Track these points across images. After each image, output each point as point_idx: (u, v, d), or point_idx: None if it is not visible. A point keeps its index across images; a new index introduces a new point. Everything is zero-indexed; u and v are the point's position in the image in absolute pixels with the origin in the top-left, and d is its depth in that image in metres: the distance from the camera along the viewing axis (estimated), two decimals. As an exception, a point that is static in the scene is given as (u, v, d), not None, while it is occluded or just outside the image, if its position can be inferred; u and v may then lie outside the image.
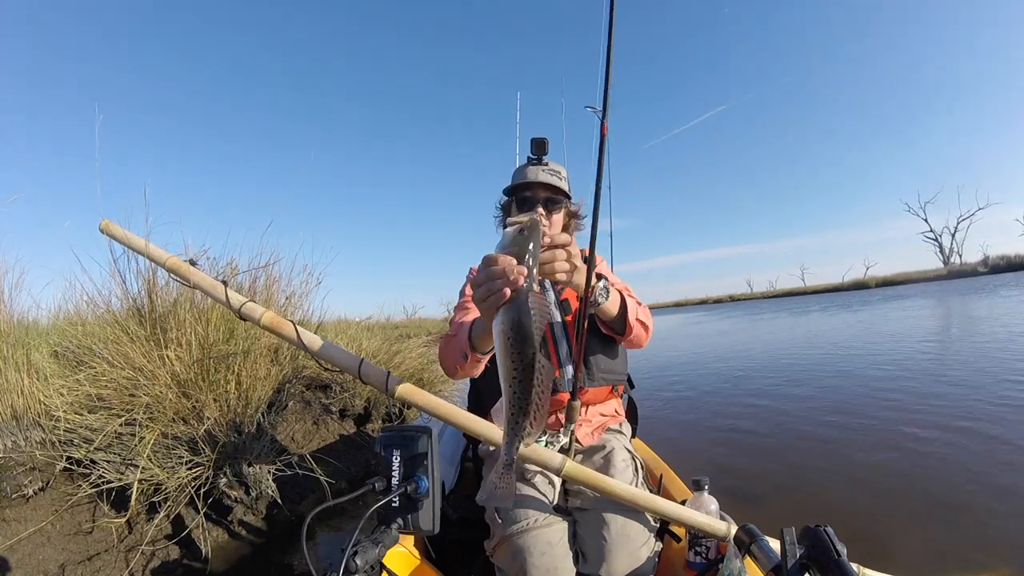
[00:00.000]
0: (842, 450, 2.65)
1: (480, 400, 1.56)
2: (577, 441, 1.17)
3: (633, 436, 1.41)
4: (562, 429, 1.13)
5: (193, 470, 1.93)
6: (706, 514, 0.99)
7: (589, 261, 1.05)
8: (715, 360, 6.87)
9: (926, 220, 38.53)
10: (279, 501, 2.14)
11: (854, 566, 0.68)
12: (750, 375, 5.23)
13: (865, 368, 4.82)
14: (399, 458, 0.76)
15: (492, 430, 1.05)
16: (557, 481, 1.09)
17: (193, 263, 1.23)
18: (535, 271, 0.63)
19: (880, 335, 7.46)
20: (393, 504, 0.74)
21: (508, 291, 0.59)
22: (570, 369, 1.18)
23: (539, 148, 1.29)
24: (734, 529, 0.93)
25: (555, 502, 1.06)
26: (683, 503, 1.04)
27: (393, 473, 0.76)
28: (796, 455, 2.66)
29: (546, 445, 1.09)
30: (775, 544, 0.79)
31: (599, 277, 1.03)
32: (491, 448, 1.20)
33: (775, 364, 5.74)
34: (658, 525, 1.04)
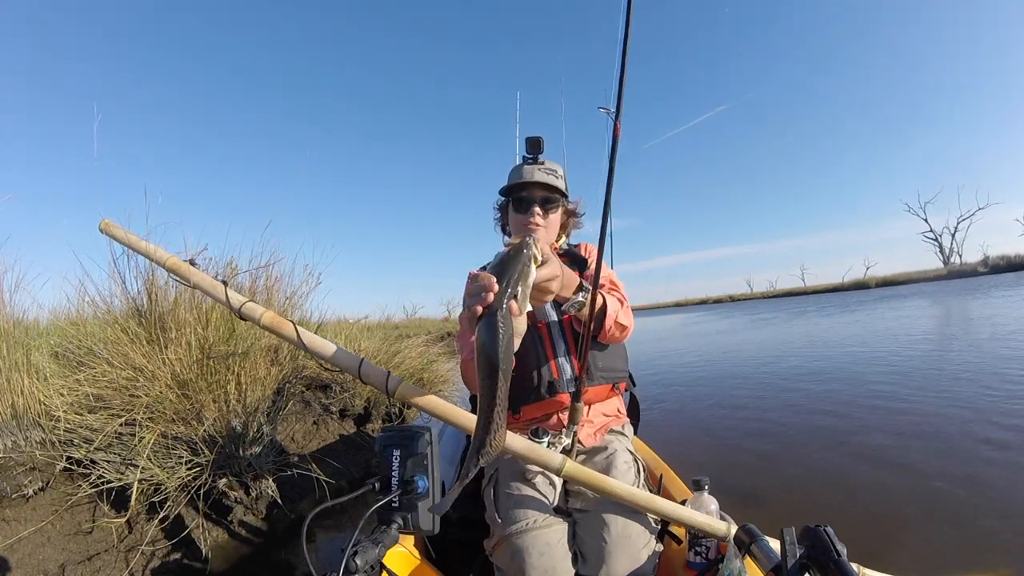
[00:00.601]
0: (842, 450, 2.65)
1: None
2: (579, 442, 1.16)
3: (634, 433, 1.41)
4: (564, 430, 1.12)
5: (193, 470, 1.93)
6: (706, 514, 0.99)
7: (597, 262, 1.05)
8: (714, 359, 6.88)
9: (926, 220, 38.54)
10: (279, 501, 2.14)
11: (854, 566, 0.68)
12: (748, 374, 5.23)
13: (864, 367, 4.82)
14: (399, 458, 0.76)
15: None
16: (558, 482, 1.09)
17: (193, 263, 1.23)
18: (518, 291, 0.65)
19: (878, 335, 7.46)
20: (393, 504, 0.74)
21: (479, 308, 0.62)
22: (568, 369, 1.18)
23: (534, 147, 1.28)
24: (734, 529, 0.93)
25: (555, 503, 1.06)
26: (683, 503, 1.04)
27: (393, 473, 0.75)
28: (796, 455, 2.66)
29: (548, 446, 1.09)
30: (775, 544, 0.79)
31: (580, 288, 1.01)
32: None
33: (773, 363, 5.74)
34: (659, 527, 1.04)
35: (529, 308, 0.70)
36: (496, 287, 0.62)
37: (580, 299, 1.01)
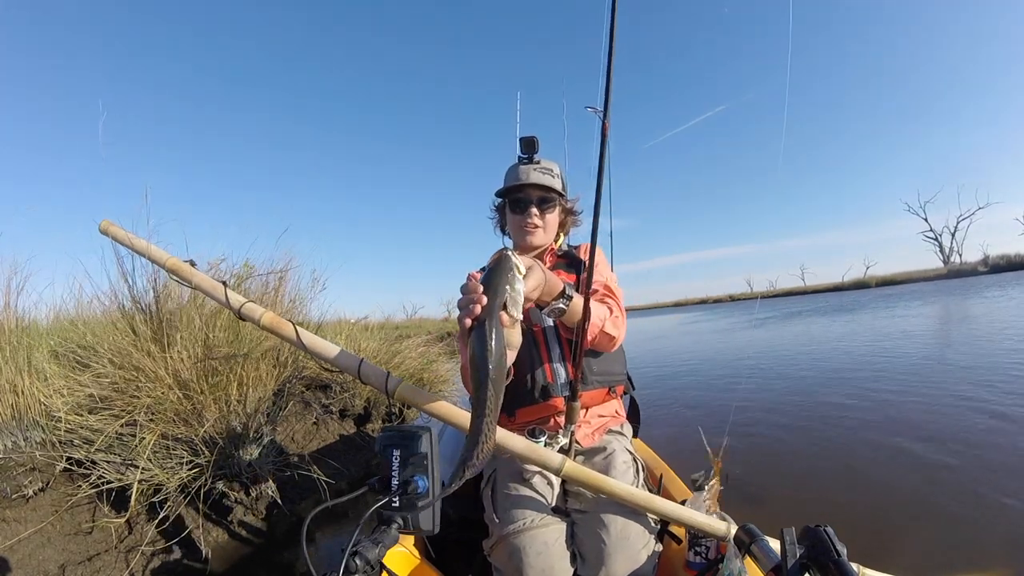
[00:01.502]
0: (843, 450, 2.65)
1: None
2: (577, 443, 1.16)
3: (635, 436, 1.40)
4: (561, 431, 1.12)
5: (193, 470, 1.93)
6: (706, 514, 0.99)
7: (590, 261, 1.05)
8: (712, 358, 6.87)
9: (926, 219, 38.42)
10: (279, 501, 2.14)
11: (854, 566, 0.68)
12: (747, 373, 5.23)
13: (863, 367, 4.82)
14: (399, 458, 0.76)
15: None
16: (556, 482, 1.09)
17: (193, 264, 1.23)
18: (506, 299, 0.65)
19: (876, 335, 7.46)
20: (393, 504, 0.74)
21: (468, 321, 0.63)
22: (563, 373, 1.17)
23: (529, 147, 1.28)
24: (734, 529, 0.93)
25: (554, 503, 1.06)
26: (683, 503, 1.04)
27: (393, 473, 0.75)
28: (796, 454, 2.66)
29: (544, 446, 1.09)
30: (775, 544, 0.79)
31: (562, 295, 0.99)
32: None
33: (772, 362, 5.73)
34: (659, 527, 1.04)
35: (520, 317, 0.70)
36: (484, 299, 0.63)
37: (560, 306, 0.99)
